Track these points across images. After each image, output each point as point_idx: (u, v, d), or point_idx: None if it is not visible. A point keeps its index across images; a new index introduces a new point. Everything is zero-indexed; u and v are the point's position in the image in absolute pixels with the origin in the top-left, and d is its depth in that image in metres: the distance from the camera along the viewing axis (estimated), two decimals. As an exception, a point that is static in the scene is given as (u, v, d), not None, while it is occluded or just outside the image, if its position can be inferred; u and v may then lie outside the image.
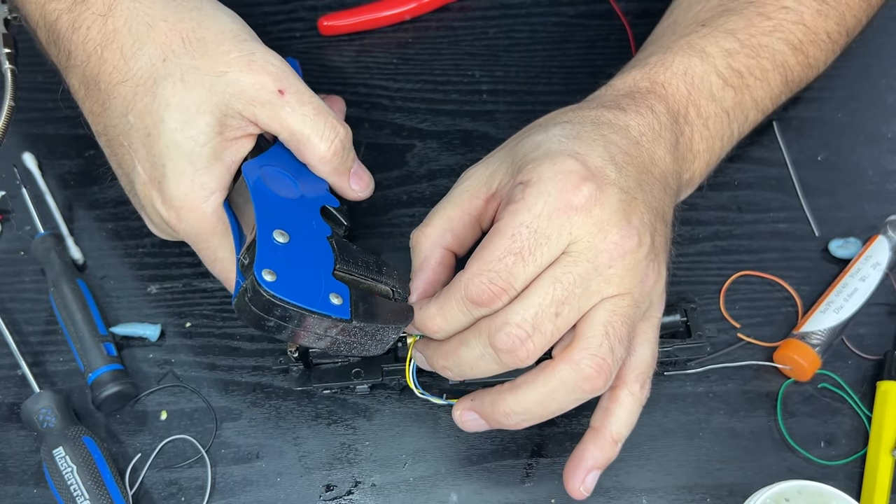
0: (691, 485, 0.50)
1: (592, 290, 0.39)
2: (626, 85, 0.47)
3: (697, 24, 0.50)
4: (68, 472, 0.47)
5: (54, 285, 0.53)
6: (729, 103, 0.49)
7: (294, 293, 0.37)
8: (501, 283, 0.39)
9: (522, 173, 0.41)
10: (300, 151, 0.45)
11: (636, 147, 0.43)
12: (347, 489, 0.50)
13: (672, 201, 0.46)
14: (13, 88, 0.51)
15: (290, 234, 0.40)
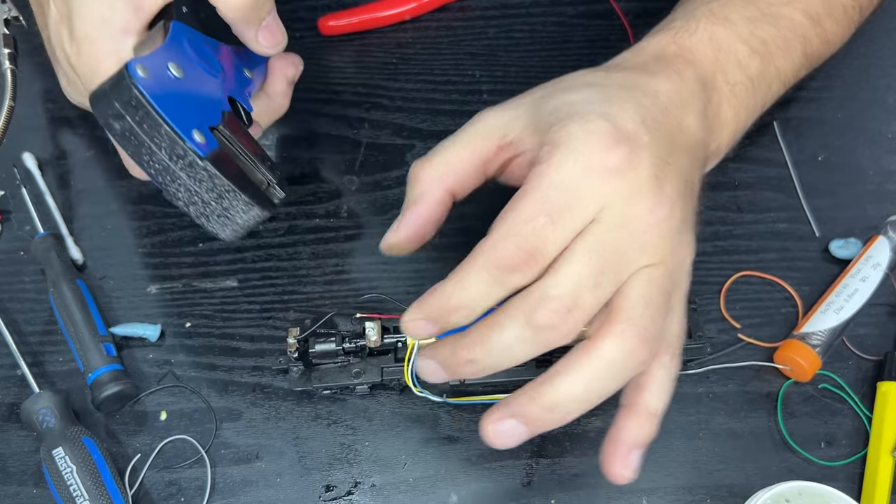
0: (691, 485, 0.49)
1: (629, 259, 0.37)
2: (653, 48, 0.45)
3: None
4: (68, 472, 0.47)
5: (54, 285, 0.53)
6: (754, 71, 0.47)
7: (159, 100, 0.35)
8: (530, 248, 0.36)
9: (549, 133, 0.38)
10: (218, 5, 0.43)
11: (665, 114, 0.41)
12: (347, 489, 0.50)
13: (700, 172, 0.44)
14: (13, 88, 0.51)
15: (185, 74, 0.38)
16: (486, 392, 0.51)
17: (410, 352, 0.47)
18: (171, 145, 0.35)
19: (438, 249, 0.57)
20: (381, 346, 0.49)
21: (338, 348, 0.49)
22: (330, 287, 0.56)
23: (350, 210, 0.58)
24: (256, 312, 0.55)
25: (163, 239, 0.57)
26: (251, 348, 0.54)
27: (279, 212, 0.58)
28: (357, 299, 0.55)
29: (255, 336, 0.54)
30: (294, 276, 0.56)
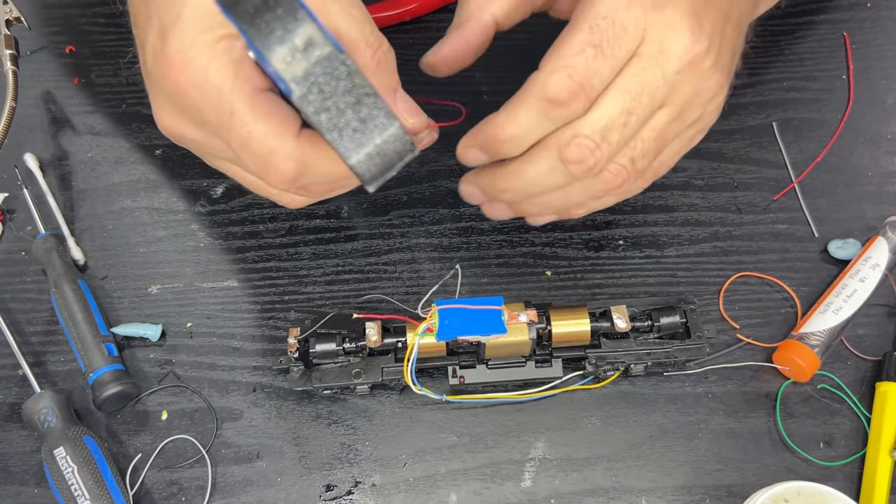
0: (690, 485, 0.50)
1: (657, 99, 0.38)
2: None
3: None
4: (69, 471, 0.47)
5: (55, 285, 0.53)
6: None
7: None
8: (580, 79, 0.37)
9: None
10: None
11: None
12: (347, 489, 0.50)
13: (749, 14, 0.44)
14: (14, 89, 0.51)
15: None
16: (486, 391, 0.51)
17: (410, 351, 0.47)
18: (305, 28, 0.31)
19: (439, 250, 0.57)
20: (381, 346, 0.49)
21: (338, 348, 0.49)
22: (330, 287, 0.56)
23: (350, 210, 0.59)
24: (257, 312, 0.55)
25: (164, 239, 0.57)
26: (252, 348, 0.54)
27: (279, 212, 0.58)
28: (357, 299, 0.55)
29: (255, 336, 0.54)
30: (295, 277, 0.56)
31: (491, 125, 0.40)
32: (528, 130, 0.39)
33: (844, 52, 0.64)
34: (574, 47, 0.37)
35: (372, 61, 0.40)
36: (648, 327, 0.50)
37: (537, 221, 0.47)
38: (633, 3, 0.37)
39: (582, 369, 0.51)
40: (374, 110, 0.32)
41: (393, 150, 0.33)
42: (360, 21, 0.40)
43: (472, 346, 0.50)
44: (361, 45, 0.39)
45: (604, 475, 0.50)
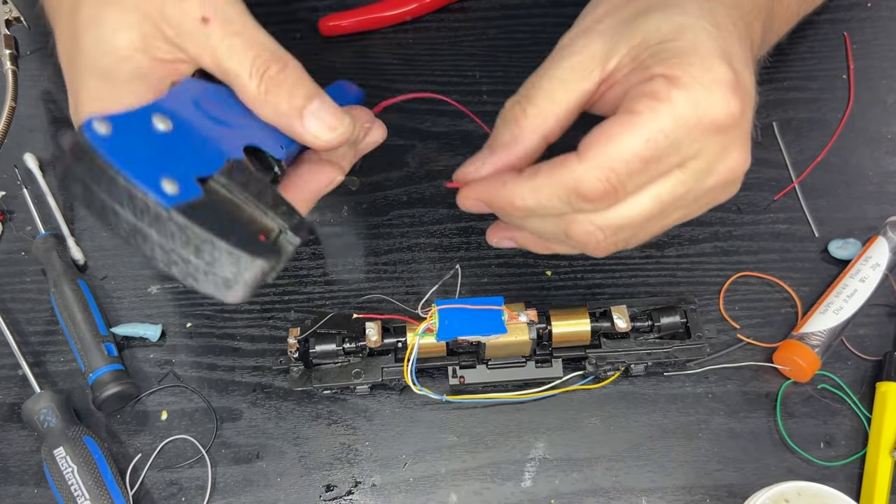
0: (691, 485, 0.50)
1: (682, 206, 0.37)
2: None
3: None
4: (69, 472, 0.47)
5: (55, 286, 0.53)
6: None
7: (118, 153, 0.31)
8: (616, 184, 0.35)
9: (668, 66, 0.35)
10: (238, 93, 0.38)
11: (749, 29, 0.39)
12: (347, 489, 0.50)
13: None
14: (14, 89, 0.51)
15: (174, 126, 0.34)
16: (486, 391, 0.51)
17: (410, 351, 0.47)
18: (132, 200, 0.31)
19: (439, 250, 0.57)
20: (381, 346, 0.49)
21: (338, 348, 0.49)
22: (330, 287, 0.56)
23: (350, 210, 0.59)
24: (257, 312, 0.55)
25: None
26: (252, 348, 0.54)
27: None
28: (357, 299, 0.55)
29: (255, 336, 0.54)
30: (295, 277, 0.56)
31: (510, 190, 0.38)
32: (547, 208, 0.37)
33: (845, 52, 0.64)
34: (624, 152, 0.34)
35: (260, 91, 0.38)
36: (649, 327, 0.50)
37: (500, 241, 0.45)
38: (699, 126, 0.35)
39: (582, 369, 0.51)
40: (214, 253, 0.32)
41: (251, 275, 0.33)
42: (240, 51, 0.38)
43: (473, 346, 0.50)
44: (244, 78, 0.38)
45: (604, 475, 0.50)
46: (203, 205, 0.32)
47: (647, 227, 0.38)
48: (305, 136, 0.39)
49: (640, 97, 0.35)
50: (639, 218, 0.37)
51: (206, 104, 0.37)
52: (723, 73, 0.35)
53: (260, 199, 0.35)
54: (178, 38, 0.37)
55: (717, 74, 0.35)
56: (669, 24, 0.36)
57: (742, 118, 0.35)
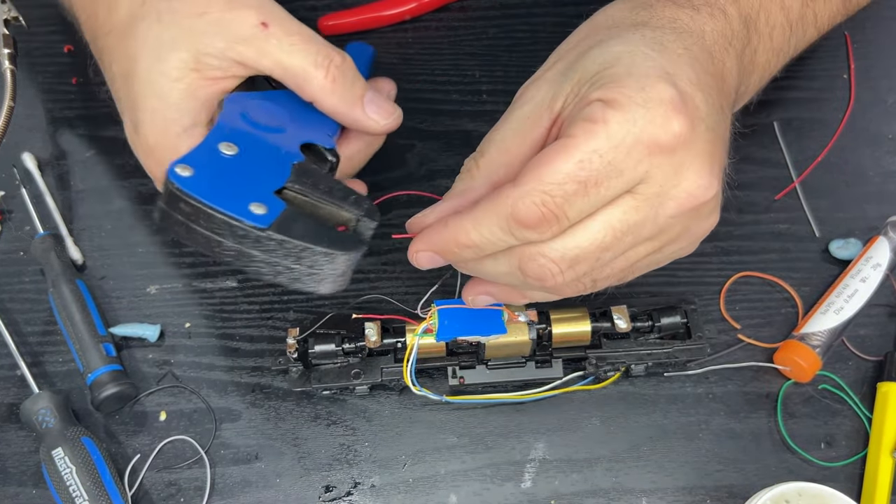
0: (691, 486, 0.49)
1: (640, 238, 0.36)
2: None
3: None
4: (67, 472, 0.47)
5: (53, 286, 0.53)
6: (795, 15, 0.45)
7: (205, 190, 0.35)
8: (554, 209, 0.34)
9: (604, 90, 0.34)
10: (300, 87, 0.42)
11: (711, 61, 0.38)
12: (347, 490, 0.50)
13: (731, 118, 0.41)
14: (13, 88, 0.51)
15: (240, 149, 0.38)
16: (486, 391, 0.51)
17: (410, 352, 0.47)
18: (231, 229, 0.35)
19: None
20: (380, 346, 0.49)
21: (337, 349, 0.49)
22: (330, 287, 0.56)
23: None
24: (256, 313, 0.55)
25: (162, 239, 0.57)
26: (251, 349, 0.54)
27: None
28: (357, 299, 0.55)
29: (254, 336, 0.54)
30: (294, 277, 0.56)
31: (452, 227, 0.37)
32: (492, 241, 0.37)
33: (846, 52, 0.64)
34: (557, 176, 0.34)
35: (327, 81, 0.41)
36: (649, 327, 0.50)
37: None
38: (639, 145, 0.33)
39: (582, 370, 0.51)
40: (314, 257, 0.36)
41: (346, 266, 0.38)
42: (302, 47, 0.41)
43: (472, 346, 0.50)
44: (311, 71, 0.41)
45: (604, 476, 0.50)
46: (289, 215, 0.36)
47: (607, 260, 0.37)
48: (367, 122, 0.43)
49: (576, 122, 0.34)
50: (591, 247, 0.35)
51: (253, 115, 0.42)
52: (661, 91, 0.34)
53: (332, 195, 0.39)
54: (232, 49, 0.40)
55: (655, 93, 0.34)
56: (607, 54, 0.36)
57: (691, 137, 0.34)
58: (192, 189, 0.35)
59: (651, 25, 0.38)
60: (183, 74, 0.40)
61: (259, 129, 0.41)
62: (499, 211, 0.35)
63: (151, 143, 0.41)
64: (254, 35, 0.40)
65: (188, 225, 0.36)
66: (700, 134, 0.35)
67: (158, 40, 0.40)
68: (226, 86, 0.42)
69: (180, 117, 0.41)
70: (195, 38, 0.40)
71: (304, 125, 0.43)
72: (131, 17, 0.42)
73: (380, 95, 0.44)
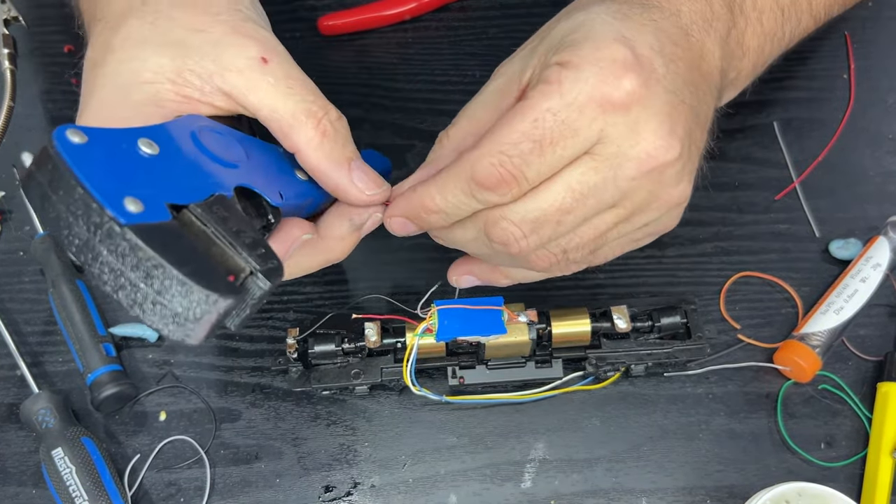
0: (691, 486, 0.49)
1: (604, 202, 0.36)
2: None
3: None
4: (67, 472, 0.47)
5: (53, 286, 0.53)
6: (785, 0, 0.44)
7: (83, 163, 0.29)
8: (512, 169, 0.34)
9: (560, 54, 0.35)
10: (285, 134, 0.38)
11: (686, 38, 0.38)
12: (346, 490, 0.50)
13: (714, 103, 0.40)
14: (12, 88, 0.51)
15: (161, 152, 0.32)
16: (486, 392, 0.51)
17: (409, 352, 0.47)
18: (87, 212, 0.28)
19: (439, 250, 0.57)
20: (380, 346, 0.49)
21: (337, 349, 0.49)
22: (330, 287, 0.56)
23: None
24: (256, 313, 0.55)
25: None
26: (251, 349, 0.54)
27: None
28: (356, 299, 0.55)
29: (254, 336, 0.54)
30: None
31: (419, 194, 0.38)
32: (456, 205, 0.37)
33: (846, 52, 0.64)
34: (512, 135, 0.34)
35: (317, 133, 0.38)
36: (649, 328, 0.50)
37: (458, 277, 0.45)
38: (591, 102, 0.34)
39: (582, 370, 0.51)
40: (165, 281, 0.29)
41: (203, 312, 0.29)
42: (299, 92, 0.37)
43: (472, 346, 0.49)
44: (302, 118, 0.37)
45: (604, 476, 0.50)
46: (167, 230, 0.30)
47: (570, 224, 0.37)
48: (349, 188, 0.39)
49: (534, 86, 0.35)
50: (551, 209, 0.36)
51: (204, 138, 0.36)
52: (614, 51, 0.34)
53: (236, 238, 0.32)
54: (223, 75, 0.37)
55: (608, 52, 0.34)
56: (570, 23, 0.37)
57: (645, 95, 0.34)
58: (69, 154, 0.29)
59: (619, 0, 0.38)
60: (156, 79, 0.36)
61: (200, 152, 0.35)
62: (460, 174, 0.36)
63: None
64: (250, 67, 0.37)
65: (46, 192, 0.29)
66: (657, 94, 0.35)
67: (143, 41, 0.37)
68: (198, 110, 0.38)
69: (131, 116, 0.35)
70: (185, 53, 0.37)
71: (257, 173, 0.37)
72: (128, 9, 0.38)
73: (368, 167, 0.40)
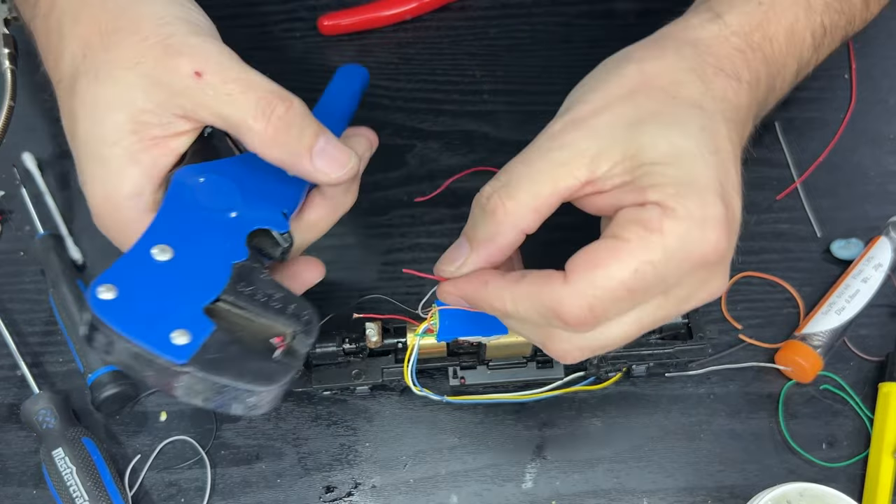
0: (692, 486, 0.49)
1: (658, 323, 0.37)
2: (741, 31, 0.40)
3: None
4: (67, 473, 0.47)
5: (54, 286, 0.53)
6: (803, 65, 0.44)
7: (126, 320, 0.33)
8: (600, 312, 0.34)
9: (661, 193, 0.34)
10: (242, 138, 0.38)
11: (741, 132, 0.39)
12: (347, 490, 0.50)
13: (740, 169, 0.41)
14: (13, 88, 0.51)
15: (176, 251, 0.36)
16: (487, 392, 0.51)
17: (410, 352, 0.47)
18: (149, 362, 0.33)
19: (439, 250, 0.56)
20: (381, 346, 0.49)
21: (338, 349, 0.49)
22: (330, 287, 0.56)
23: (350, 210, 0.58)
24: (257, 313, 0.55)
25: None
26: (251, 349, 0.54)
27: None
28: (357, 299, 0.55)
29: (255, 336, 0.54)
30: (294, 277, 0.56)
31: (492, 293, 0.38)
32: (526, 318, 0.37)
33: (847, 52, 0.64)
34: (610, 282, 0.34)
35: (267, 133, 0.37)
36: (650, 328, 0.50)
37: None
38: (688, 262, 0.34)
39: (583, 370, 0.51)
40: (234, 391, 0.34)
41: (273, 395, 0.35)
42: (240, 97, 0.37)
43: (473, 346, 0.49)
44: (249, 122, 0.37)
45: (605, 476, 0.50)
46: (216, 343, 0.34)
47: (621, 343, 0.38)
48: (316, 175, 0.39)
49: (632, 224, 0.34)
50: (618, 340, 0.37)
51: (201, 195, 0.38)
52: (718, 211, 0.34)
53: (268, 309, 0.36)
54: (171, 101, 0.37)
55: (712, 211, 0.34)
56: (668, 145, 0.35)
57: (728, 252, 0.35)
58: (111, 317, 0.33)
59: (707, 109, 0.37)
60: (120, 138, 0.37)
61: (202, 216, 0.38)
62: (544, 301, 0.35)
63: (96, 211, 0.39)
64: (187, 86, 0.37)
65: (110, 352, 0.34)
66: (734, 245, 0.36)
67: (94, 101, 0.38)
68: (172, 146, 0.38)
69: (121, 184, 0.38)
70: (131, 95, 0.37)
71: (259, 201, 0.40)
72: (74, 71, 0.39)
73: (334, 144, 0.39)
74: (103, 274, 0.34)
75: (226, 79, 0.37)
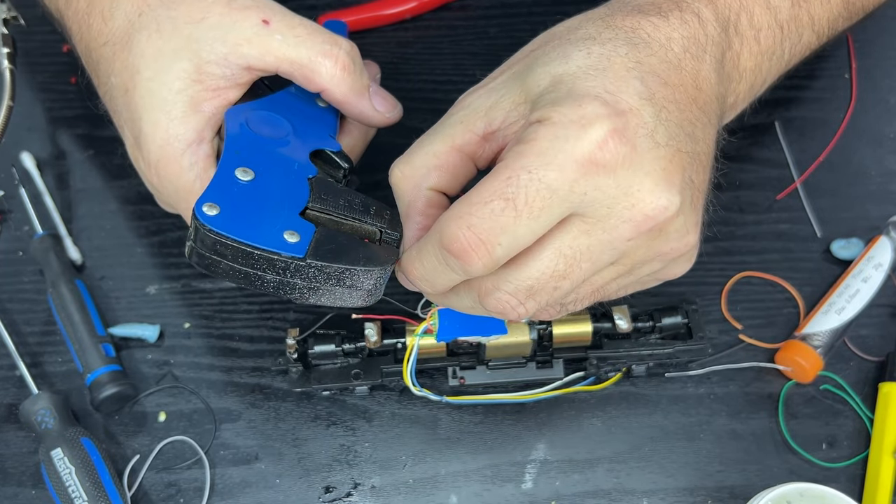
0: (692, 487, 0.49)
1: (600, 263, 0.34)
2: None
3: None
4: (66, 473, 0.47)
5: (53, 286, 0.53)
6: (784, 15, 0.41)
7: (238, 227, 0.35)
8: (481, 233, 0.32)
9: (539, 111, 0.33)
10: (308, 79, 0.42)
11: (678, 72, 0.35)
12: (347, 491, 0.50)
13: (715, 134, 0.38)
14: (12, 88, 0.51)
15: (256, 172, 0.38)
16: (487, 392, 0.51)
17: (410, 352, 0.47)
18: (271, 263, 0.35)
19: (438, 250, 0.57)
20: (380, 346, 0.49)
21: (337, 349, 0.49)
22: (330, 287, 0.55)
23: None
24: (256, 313, 0.55)
25: (162, 239, 0.57)
26: (250, 349, 0.54)
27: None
28: (357, 300, 0.55)
29: (254, 337, 0.54)
30: (294, 277, 0.56)
31: (405, 260, 0.37)
32: (435, 276, 0.35)
33: (847, 51, 0.64)
34: (483, 196, 0.32)
35: (337, 69, 0.41)
36: (650, 328, 0.50)
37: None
38: (573, 163, 0.31)
39: (583, 370, 0.51)
40: (354, 276, 0.37)
41: (382, 280, 0.38)
42: (308, 38, 0.41)
43: (473, 346, 0.49)
44: (320, 60, 0.41)
45: (605, 477, 0.50)
46: (321, 238, 0.36)
47: (568, 288, 0.35)
48: (372, 114, 0.44)
49: (511, 146, 0.33)
50: (545, 277, 0.34)
51: (256, 128, 0.41)
52: (595, 109, 0.32)
53: (352, 210, 0.39)
54: (236, 51, 0.40)
55: (588, 110, 0.32)
56: (549, 76, 0.35)
57: (633, 155, 0.32)
58: (223, 228, 0.35)
59: (602, 40, 0.35)
60: (186, 86, 0.40)
61: (266, 143, 0.41)
62: (433, 241, 0.34)
63: (154, 158, 0.41)
64: (256, 34, 0.40)
65: (227, 265, 0.35)
66: (647, 150, 0.32)
67: (159, 52, 0.40)
68: (230, 97, 0.42)
69: (184, 132, 0.41)
70: (197, 47, 0.40)
71: (306, 129, 0.43)
72: (129, 27, 0.41)
73: (381, 88, 0.44)
74: (202, 195, 0.36)
75: (292, 25, 0.41)
